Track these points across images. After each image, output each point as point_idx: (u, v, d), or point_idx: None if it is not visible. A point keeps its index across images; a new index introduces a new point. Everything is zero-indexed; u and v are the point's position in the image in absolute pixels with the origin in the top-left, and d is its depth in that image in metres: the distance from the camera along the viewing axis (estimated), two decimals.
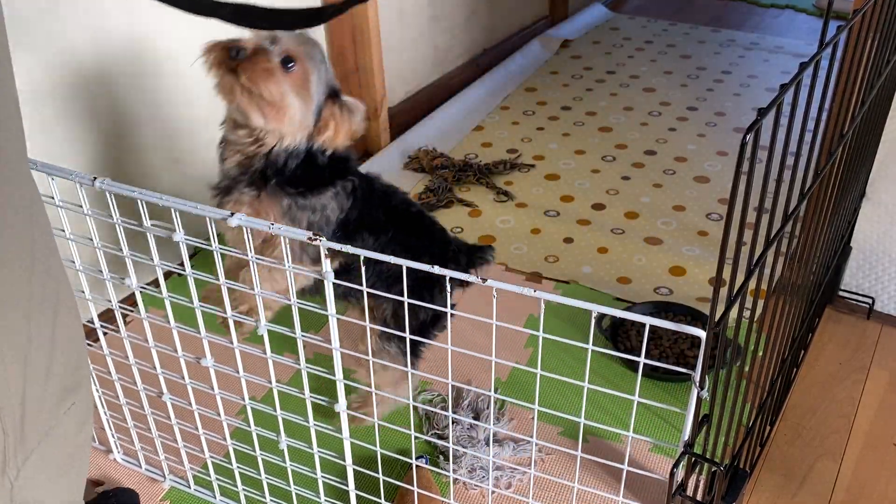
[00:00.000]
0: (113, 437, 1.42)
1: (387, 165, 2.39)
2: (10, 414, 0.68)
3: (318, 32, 2.21)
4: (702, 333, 0.83)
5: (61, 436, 0.75)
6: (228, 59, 1.14)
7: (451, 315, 1.21)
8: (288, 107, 1.17)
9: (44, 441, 0.72)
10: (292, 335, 1.05)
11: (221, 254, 1.04)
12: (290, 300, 1.04)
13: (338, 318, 1.02)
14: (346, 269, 1.18)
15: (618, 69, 3.07)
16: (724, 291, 0.86)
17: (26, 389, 0.69)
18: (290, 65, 1.15)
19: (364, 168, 2.34)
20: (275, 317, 1.20)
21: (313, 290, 1.27)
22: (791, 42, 3.29)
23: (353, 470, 1.17)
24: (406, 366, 1.13)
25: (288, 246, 0.99)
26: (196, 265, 1.07)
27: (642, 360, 0.89)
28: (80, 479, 0.82)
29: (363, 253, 0.94)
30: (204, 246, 1.02)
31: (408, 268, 0.93)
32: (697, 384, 0.86)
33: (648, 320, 0.86)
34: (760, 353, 1.19)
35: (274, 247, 1.21)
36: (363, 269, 0.97)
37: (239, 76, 1.13)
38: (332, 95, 1.23)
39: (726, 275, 0.81)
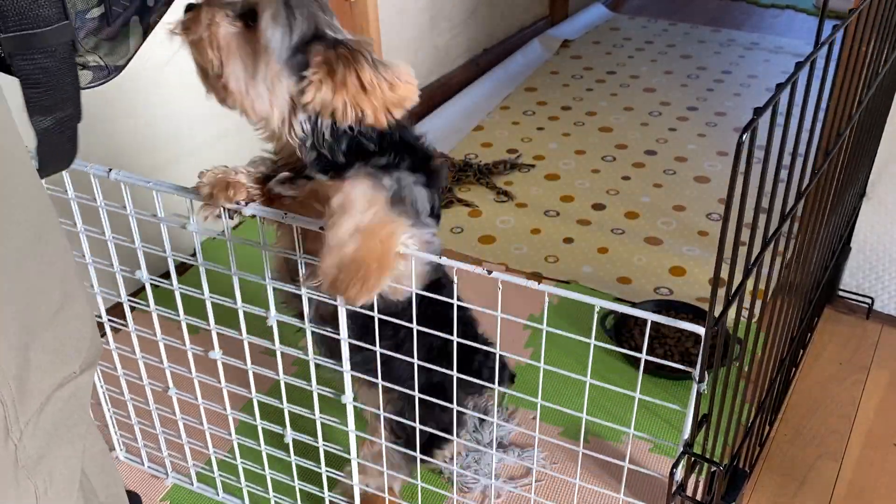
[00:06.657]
0: (116, 434, 1.42)
1: None
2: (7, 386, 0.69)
3: None
4: (702, 330, 0.84)
5: (63, 399, 0.76)
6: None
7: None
8: (229, 77, 0.89)
9: (46, 405, 0.73)
10: (302, 325, 1.05)
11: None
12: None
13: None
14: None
15: (618, 69, 3.08)
16: (723, 291, 0.87)
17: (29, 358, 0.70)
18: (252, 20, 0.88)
19: None
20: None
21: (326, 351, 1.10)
22: (791, 42, 3.30)
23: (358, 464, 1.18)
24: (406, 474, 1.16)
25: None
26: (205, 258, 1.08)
27: (644, 355, 0.90)
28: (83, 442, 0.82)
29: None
30: (218, 237, 1.03)
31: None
32: (696, 378, 0.87)
33: (651, 316, 0.86)
34: (759, 353, 1.19)
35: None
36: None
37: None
38: (321, 40, 0.90)
39: (725, 274, 0.82)
